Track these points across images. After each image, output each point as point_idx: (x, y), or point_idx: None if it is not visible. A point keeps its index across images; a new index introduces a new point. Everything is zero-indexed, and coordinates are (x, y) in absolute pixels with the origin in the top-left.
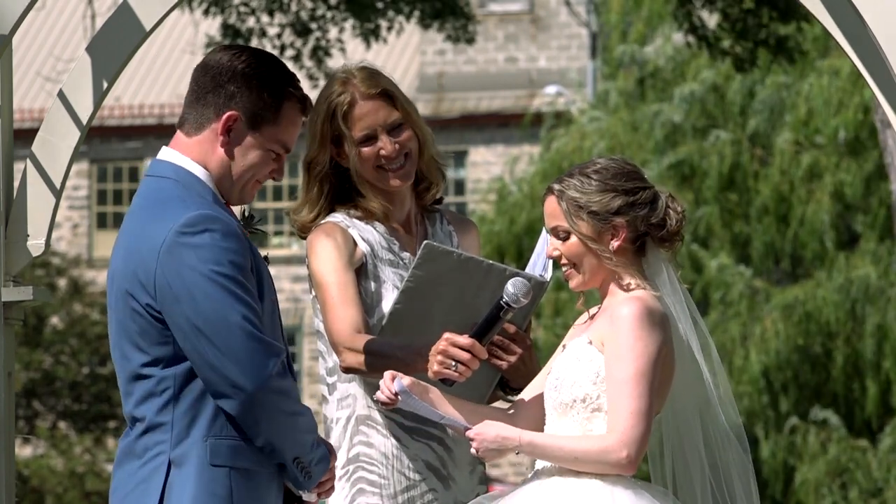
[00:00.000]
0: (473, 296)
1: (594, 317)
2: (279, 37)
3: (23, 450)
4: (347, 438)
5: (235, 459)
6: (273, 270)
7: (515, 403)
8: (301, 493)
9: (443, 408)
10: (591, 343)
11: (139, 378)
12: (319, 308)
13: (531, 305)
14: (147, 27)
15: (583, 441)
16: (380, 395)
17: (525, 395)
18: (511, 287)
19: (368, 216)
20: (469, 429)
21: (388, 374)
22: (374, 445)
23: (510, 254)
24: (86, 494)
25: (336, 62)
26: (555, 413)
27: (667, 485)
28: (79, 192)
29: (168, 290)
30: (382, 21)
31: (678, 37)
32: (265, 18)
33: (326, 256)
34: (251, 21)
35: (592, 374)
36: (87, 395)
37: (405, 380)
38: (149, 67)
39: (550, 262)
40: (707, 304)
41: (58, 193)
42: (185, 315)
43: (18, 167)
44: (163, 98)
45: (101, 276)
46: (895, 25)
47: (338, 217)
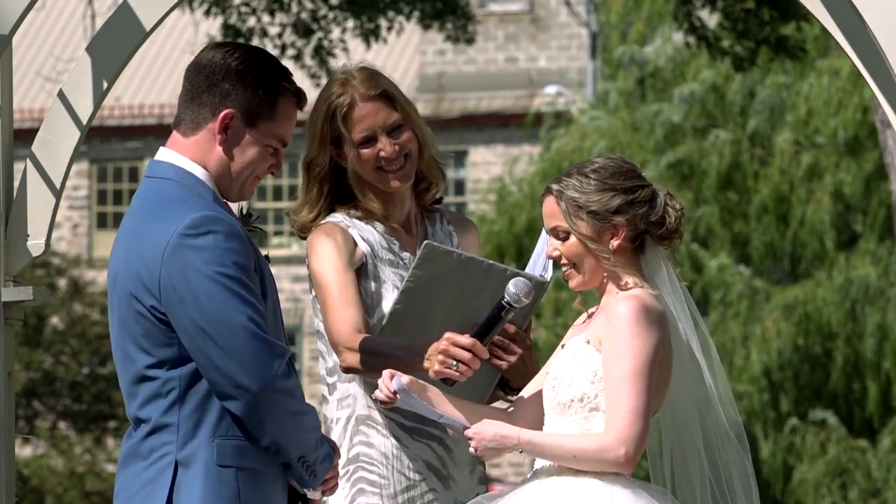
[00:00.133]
0: (473, 296)
1: (592, 316)
2: (280, 36)
3: (23, 450)
4: (347, 438)
5: (242, 459)
6: (273, 270)
7: (515, 403)
8: (306, 492)
9: (442, 407)
10: (589, 342)
11: (144, 380)
12: (319, 308)
13: (532, 305)
14: (147, 27)
15: (581, 439)
16: (378, 394)
17: (524, 395)
18: (513, 287)
19: (368, 216)
20: (468, 428)
21: (387, 373)
22: (374, 445)
23: (510, 254)
24: (86, 494)
25: (339, 62)
26: (553, 413)
27: (666, 484)
28: (79, 192)
29: (172, 292)
30: (382, 21)
31: (678, 37)
32: (266, 18)
33: (326, 256)
34: (252, 21)
35: (590, 374)
36: (87, 395)
37: (404, 378)
38: (149, 67)
39: (550, 262)
40: (707, 304)
41: (58, 193)
42: (190, 317)
43: (18, 167)
44: (163, 98)
45: (102, 276)
46: (895, 25)
47: (338, 217)
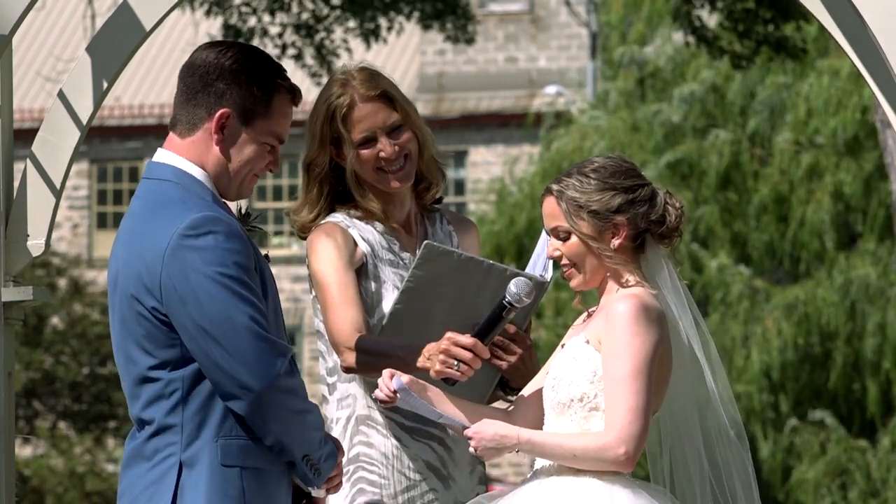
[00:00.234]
0: (474, 296)
1: (592, 316)
2: (280, 36)
3: (23, 450)
4: (347, 438)
5: (246, 459)
6: (273, 270)
7: (515, 403)
8: (310, 490)
9: (441, 406)
10: (588, 342)
11: (147, 381)
12: (320, 308)
13: (532, 305)
14: (147, 27)
15: (581, 438)
16: (378, 394)
17: (524, 395)
18: (514, 287)
19: (368, 216)
20: (468, 428)
21: (387, 373)
22: (375, 445)
23: (510, 254)
24: (86, 494)
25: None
26: (553, 412)
27: (666, 484)
28: (79, 192)
29: (174, 293)
30: (382, 21)
31: (678, 37)
32: (266, 18)
33: (327, 256)
34: (252, 21)
35: (590, 374)
36: (87, 395)
37: (404, 378)
38: (149, 67)
39: (551, 263)
40: (707, 305)
41: (58, 193)
42: (192, 317)
43: (18, 167)
44: (163, 98)
45: (102, 276)
46: (895, 25)
47: (338, 217)
